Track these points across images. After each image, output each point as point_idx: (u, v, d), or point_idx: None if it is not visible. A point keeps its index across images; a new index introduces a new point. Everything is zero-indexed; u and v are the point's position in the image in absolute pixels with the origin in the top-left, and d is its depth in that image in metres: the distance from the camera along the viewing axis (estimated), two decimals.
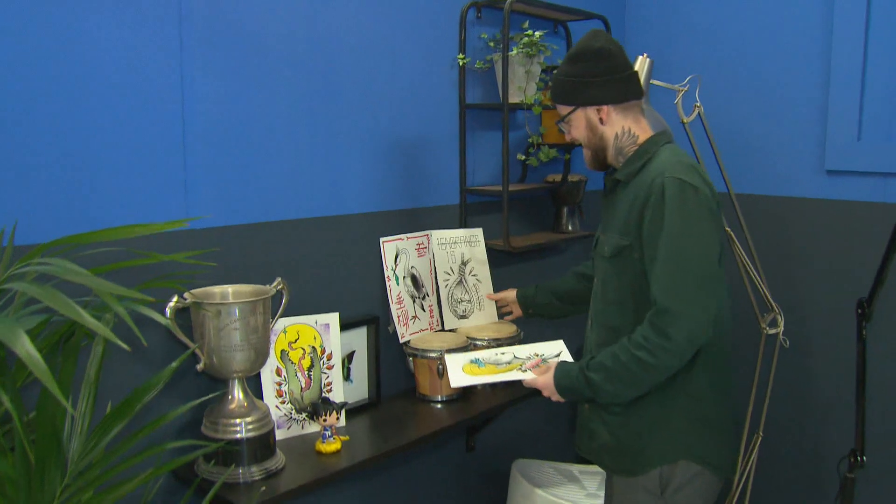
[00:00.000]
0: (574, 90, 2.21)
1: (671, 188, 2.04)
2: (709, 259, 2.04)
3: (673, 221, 2.02)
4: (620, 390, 2.10)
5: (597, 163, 2.30)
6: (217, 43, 2.26)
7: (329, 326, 2.52)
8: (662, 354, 2.01)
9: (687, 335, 1.99)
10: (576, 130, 2.27)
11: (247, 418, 2.17)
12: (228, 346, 2.12)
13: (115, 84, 2.07)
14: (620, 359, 2.07)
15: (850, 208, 3.16)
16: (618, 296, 2.21)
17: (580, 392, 2.17)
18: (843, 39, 3.09)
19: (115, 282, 1.94)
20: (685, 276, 2.00)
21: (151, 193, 2.16)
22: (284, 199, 2.48)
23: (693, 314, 1.99)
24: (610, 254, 2.20)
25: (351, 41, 2.60)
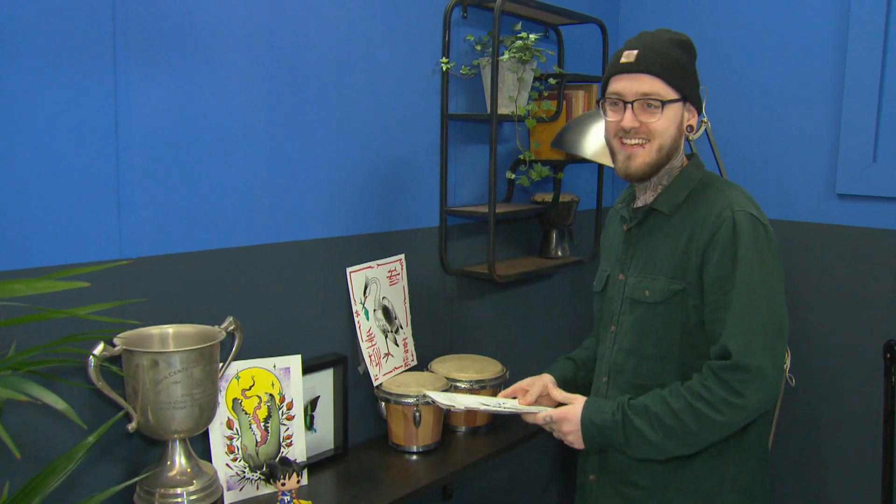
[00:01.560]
0: (690, 78, 1.87)
1: (745, 226, 1.76)
2: (783, 309, 1.79)
3: (749, 265, 1.74)
4: (663, 443, 1.76)
5: (654, 168, 1.86)
6: (159, 42, 1.90)
7: (289, 371, 2.16)
8: (729, 412, 1.71)
9: (762, 397, 1.72)
10: (664, 123, 1.83)
11: (189, 487, 1.81)
12: (168, 403, 1.75)
13: (33, 87, 1.69)
14: (671, 405, 1.75)
15: (863, 235, 2.94)
16: (660, 350, 1.86)
17: (610, 436, 1.81)
18: (858, 52, 2.87)
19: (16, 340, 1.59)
20: (765, 329, 1.73)
21: (77, 218, 1.79)
22: (238, 223, 2.12)
23: (770, 375, 1.72)
24: (657, 299, 1.86)
25: (321, 41, 2.26)
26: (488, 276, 2.66)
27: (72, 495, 1.77)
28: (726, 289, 1.74)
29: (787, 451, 3.15)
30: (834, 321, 3.02)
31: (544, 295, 3.23)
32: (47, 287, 0.93)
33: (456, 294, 2.82)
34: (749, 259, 1.74)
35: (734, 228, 1.75)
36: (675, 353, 1.84)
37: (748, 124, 3.16)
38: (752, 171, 3.13)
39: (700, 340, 1.81)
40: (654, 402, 1.78)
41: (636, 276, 1.92)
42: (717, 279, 1.76)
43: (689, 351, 1.83)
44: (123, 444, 1.91)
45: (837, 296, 3.01)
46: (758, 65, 3.12)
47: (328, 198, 2.34)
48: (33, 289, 0.92)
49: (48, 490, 1.28)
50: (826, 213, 3.01)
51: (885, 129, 2.86)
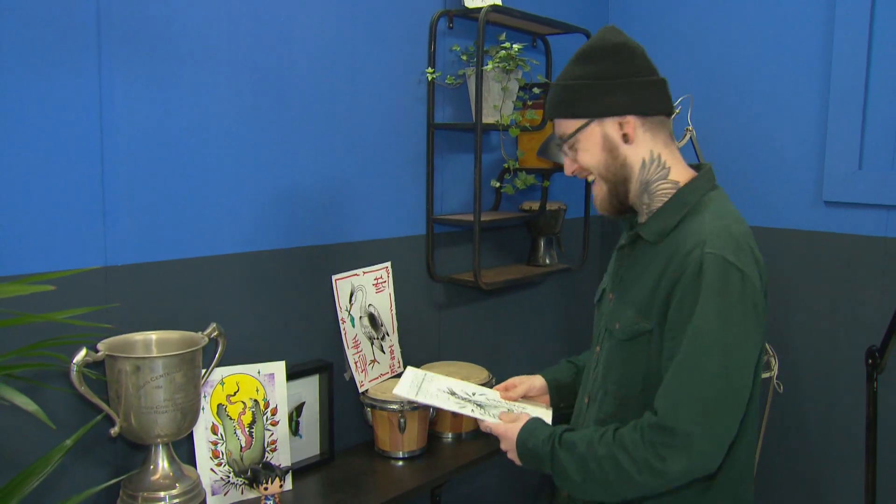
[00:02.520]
0: (587, 96, 1.64)
1: (712, 270, 1.52)
2: (740, 370, 1.53)
3: (704, 317, 1.51)
4: (584, 486, 1.62)
5: (615, 202, 1.72)
6: (143, 51, 1.92)
7: (274, 377, 2.18)
8: (646, 474, 1.53)
9: (684, 466, 1.52)
10: (587, 155, 1.69)
11: (172, 490, 1.83)
12: (150, 407, 1.77)
13: (18, 96, 1.72)
14: (596, 451, 1.59)
15: (849, 242, 2.93)
16: (621, 389, 1.69)
17: (541, 463, 1.69)
18: (844, 60, 2.87)
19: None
20: (702, 393, 1.51)
21: (63, 226, 1.81)
22: (222, 231, 2.14)
23: (699, 445, 1.50)
24: (623, 336, 1.67)
25: (303, 52, 2.28)
26: (474, 284, 2.67)
27: (55, 498, 1.79)
28: (677, 338, 1.55)
29: (775, 456, 3.14)
30: (820, 327, 3.01)
31: (532, 302, 3.24)
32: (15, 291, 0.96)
33: (443, 301, 2.83)
34: (706, 310, 1.51)
35: (700, 272, 1.53)
36: (636, 395, 1.66)
37: (735, 132, 3.14)
38: (739, 179, 3.12)
39: None
40: (582, 441, 1.63)
41: (616, 302, 1.75)
42: (672, 325, 1.57)
43: (651, 394, 1.61)
44: (107, 448, 1.93)
45: (824, 302, 2.99)
46: (744, 73, 3.11)
47: (314, 206, 2.35)
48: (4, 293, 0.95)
49: (25, 492, 1.30)
50: (813, 221, 3.00)
51: (871, 137, 2.84)
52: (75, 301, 1.80)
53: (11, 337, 1.64)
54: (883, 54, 2.79)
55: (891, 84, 2.78)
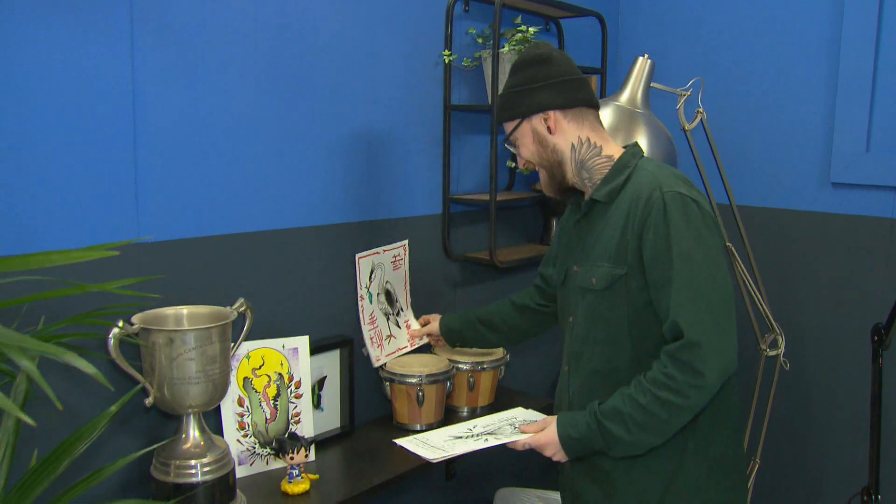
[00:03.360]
0: (516, 101, 1.97)
1: (673, 204, 1.80)
2: (726, 280, 1.82)
3: (683, 241, 1.78)
4: (641, 439, 1.81)
5: (555, 184, 2.02)
6: (173, 37, 1.99)
7: (297, 351, 2.25)
8: (693, 394, 1.75)
9: (720, 370, 1.75)
10: (525, 149, 2.01)
11: (203, 459, 1.90)
12: (182, 379, 1.85)
13: (56, 84, 1.78)
14: (639, 402, 1.79)
15: (857, 223, 2.99)
16: (609, 334, 1.92)
17: (591, 445, 1.87)
18: (852, 41, 2.91)
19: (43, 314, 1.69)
20: (709, 303, 1.76)
21: (97, 205, 1.88)
22: (248, 209, 2.21)
23: (723, 346, 1.76)
24: (602, 286, 1.91)
25: (324, 35, 2.34)
26: (489, 262, 2.74)
27: (93, 465, 1.86)
28: (664, 267, 1.78)
29: (782, 432, 3.22)
30: (827, 306, 3.07)
31: None
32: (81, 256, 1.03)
33: (459, 279, 2.90)
34: (682, 235, 1.77)
35: (665, 207, 1.79)
36: (625, 336, 1.89)
37: (744, 114, 3.19)
38: (748, 160, 3.18)
39: (648, 321, 1.86)
40: (622, 402, 1.82)
41: (584, 266, 1.97)
42: (654, 258, 1.80)
43: (638, 333, 1.87)
44: (141, 418, 2.02)
45: (831, 282, 3.05)
46: (754, 56, 3.15)
47: (334, 186, 2.42)
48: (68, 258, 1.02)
49: (76, 454, 1.38)
50: (821, 202, 3.05)
51: (878, 120, 2.89)
52: (110, 275, 1.87)
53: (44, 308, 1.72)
54: (892, 36, 2.83)
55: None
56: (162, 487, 1.88)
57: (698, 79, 2.73)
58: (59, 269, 1.69)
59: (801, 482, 3.21)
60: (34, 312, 1.67)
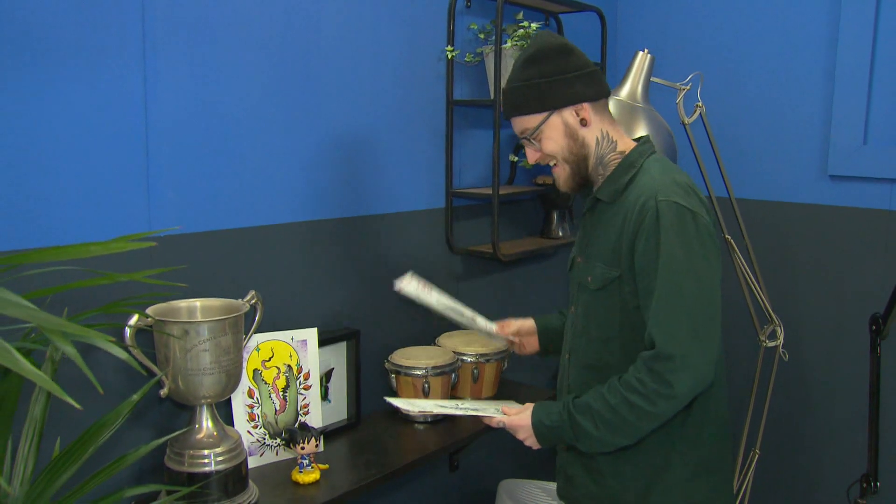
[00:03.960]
0: (546, 93, 1.89)
1: (667, 214, 1.78)
2: (712, 296, 1.80)
3: (671, 253, 1.77)
4: (606, 437, 1.85)
5: (578, 180, 1.98)
6: (183, 34, 2.04)
7: (306, 343, 2.31)
8: (661, 402, 1.77)
9: (690, 385, 1.76)
10: (551, 143, 1.93)
11: (216, 449, 1.96)
12: (197, 370, 1.90)
13: (68, 78, 1.83)
14: (609, 402, 1.82)
15: (854, 216, 3.04)
16: (602, 332, 1.94)
17: (563, 435, 1.91)
18: (849, 34, 2.95)
19: (66, 305, 1.74)
20: (688, 317, 1.76)
21: (109, 198, 1.94)
22: (257, 203, 2.27)
23: (696, 363, 1.75)
24: (596, 286, 1.93)
25: (329, 32, 2.40)
26: (493, 255, 2.80)
27: (107, 455, 1.92)
28: (652, 278, 1.78)
29: (781, 422, 3.28)
30: (825, 298, 3.12)
31: (546, 273, 3.37)
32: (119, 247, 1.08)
33: (462, 272, 2.96)
34: (671, 247, 1.76)
35: (657, 218, 1.78)
36: (616, 335, 1.90)
37: (743, 108, 3.24)
38: (746, 153, 3.23)
39: (639, 324, 1.86)
40: (594, 399, 1.84)
41: (584, 262, 1.99)
42: (643, 267, 1.80)
43: (629, 333, 1.88)
44: (154, 409, 2.07)
45: (829, 274, 3.11)
46: (752, 50, 3.20)
47: (340, 180, 2.48)
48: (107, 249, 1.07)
49: (100, 441, 1.43)
50: (819, 194, 3.10)
51: (876, 112, 2.93)
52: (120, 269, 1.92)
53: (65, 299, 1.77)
54: (890, 29, 2.87)
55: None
56: (176, 477, 1.93)
57: (697, 73, 2.78)
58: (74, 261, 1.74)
59: (801, 472, 3.27)
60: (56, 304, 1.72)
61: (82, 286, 1.22)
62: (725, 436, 2.01)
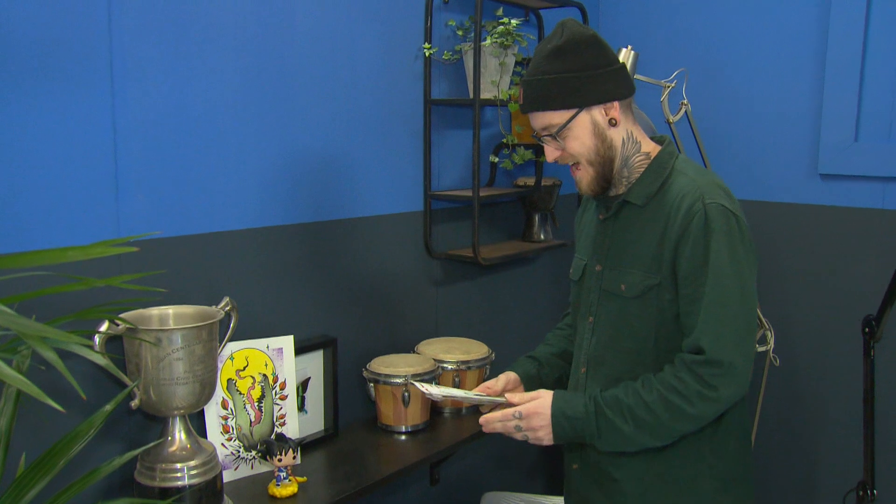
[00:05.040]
0: (577, 88, 1.83)
1: (717, 219, 1.80)
2: (753, 303, 1.85)
3: (720, 258, 1.79)
4: (636, 436, 1.83)
5: (603, 182, 1.93)
6: (152, 26, 2.07)
7: (282, 351, 2.34)
8: (703, 405, 1.79)
9: (735, 390, 1.80)
10: (577, 143, 1.88)
11: (190, 462, 1.98)
12: (170, 380, 1.93)
13: (32, 81, 1.85)
14: (644, 397, 1.82)
15: (846, 215, 3.08)
16: (636, 343, 1.92)
17: (582, 428, 1.86)
18: (840, 27, 3.00)
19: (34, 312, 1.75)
20: (735, 323, 1.79)
21: (77, 203, 1.96)
22: (231, 207, 2.30)
23: (742, 368, 1.80)
24: (633, 294, 1.90)
25: (304, 29, 2.43)
26: (473, 259, 2.84)
27: (75, 469, 1.92)
28: (698, 282, 1.79)
29: (773, 430, 3.32)
30: (817, 301, 3.17)
31: (528, 278, 3.41)
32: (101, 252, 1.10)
33: (440, 278, 3.00)
34: (720, 252, 1.78)
35: (706, 221, 1.79)
36: (650, 347, 1.89)
37: (729, 105, 3.28)
38: (733, 152, 3.27)
39: (675, 334, 1.87)
40: (626, 393, 1.83)
41: (612, 269, 1.96)
42: (689, 272, 1.81)
43: (664, 344, 1.88)
44: (122, 421, 2.09)
45: (820, 275, 3.15)
46: (738, 44, 3.25)
47: (315, 182, 2.51)
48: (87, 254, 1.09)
49: (72, 453, 1.45)
50: (808, 194, 3.15)
51: (867, 109, 2.98)
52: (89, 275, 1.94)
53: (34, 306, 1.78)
54: (881, 24, 2.92)
55: (888, 54, 2.92)
56: (146, 492, 1.95)
57: (682, 70, 2.82)
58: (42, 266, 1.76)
59: (795, 480, 3.31)
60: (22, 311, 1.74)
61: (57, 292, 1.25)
62: (748, 446, 2.04)
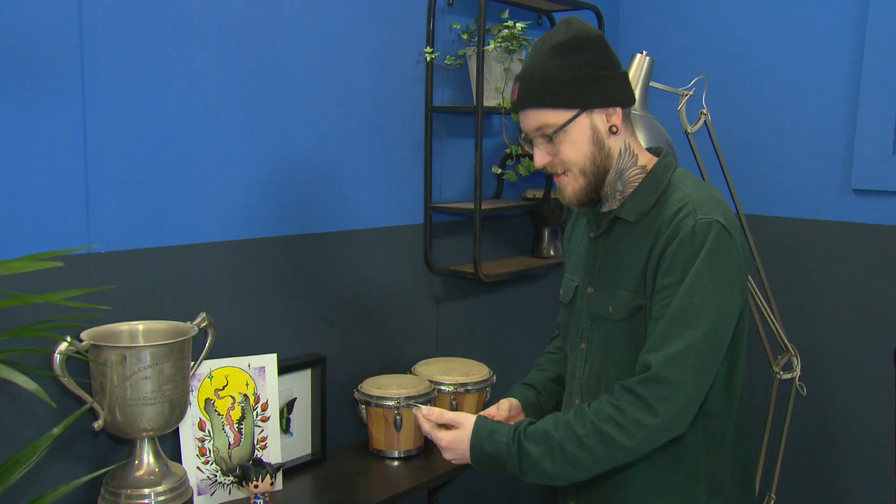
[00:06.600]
0: (580, 88, 1.76)
1: (705, 235, 1.72)
2: (726, 331, 1.74)
3: (698, 276, 1.70)
4: (564, 472, 1.75)
5: (592, 194, 1.86)
6: (127, 25, 2.07)
7: (265, 370, 2.34)
8: (641, 435, 1.69)
9: (677, 416, 1.70)
10: (572, 148, 1.81)
11: (158, 487, 1.98)
12: (137, 400, 1.93)
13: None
14: (576, 432, 1.72)
15: (880, 234, 3.03)
16: (621, 371, 1.84)
17: (503, 464, 1.80)
18: (877, 31, 2.94)
19: None
20: (699, 347, 1.69)
21: (44, 212, 1.97)
22: (213, 218, 2.30)
23: (692, 396, 1.71)
24: (620, 316, 1.84)
25: (294, 30, 2.43)
26: (475, 276, 2.83)
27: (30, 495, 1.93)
28: (667, 300, 1.72)
29: (799, 463, 3.26)
30: (847, 326, 3.11)
31: (535, 295, 3.38)
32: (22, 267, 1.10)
33: (442, 294, 2.99)
34: (700, 269, 1.70)
35: (692, 235, 1.72)
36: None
37: (753, 114, 3.24)
38: (758, 165, 3.23)
39: None
40: (556, 427, 1.75)
41: (601, 291, 1.90)
42: (662, 288, 1.74)
43: None
44: (88, 442, 2.09)
45: (851, 298, 3.09)
46: (764, 51, 3.21)
47: (306, 193, 2.51)
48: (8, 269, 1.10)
49: (11, 481, 1.44)
50: (841, 210, 3.09)
51: None
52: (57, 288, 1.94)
53: None
54: None
55: None
56: None
57: (701, 77, 2.80)
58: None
59: None
60: None
61: None
62: (754, 474, 1.99)
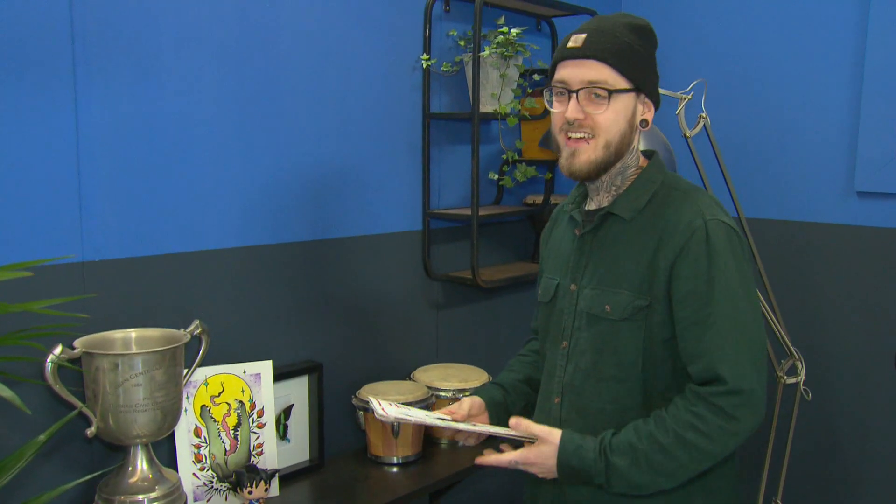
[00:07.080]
0: (645, 68, 1.83)
1: (719, 236, 1.77)
2: (762, 323, 1.82)
3: (728, 279, 1.75)
4: (650, 480, 1.77)
5: (600, 170, 1.84)
6: (121, 28, 2.11)
7: (260, 377, 2.38)
8: (724, 438, 1.74)
9: (755, 419, 1.75)
10: (612, 116, 1.80)
11: (151, 493, 2.02)
12: (129, 406, 1.97)
13: None
14: (660, 441, 1.75)
15: (884, 236, 3.04)
16: (620, 371, 1.86)
17: (590, 478, 1.80)
18: (879, 31, 2.95)
19: None
20: (752, 348, 1.76)
21: (35, 214, 2.01)
22: (210, 225, 2.34)
23: (761, 396, 1.75)
24: (620, 316, 1.85)
25: (291, 37, 2.47)
26: (473, 282, 2.86)
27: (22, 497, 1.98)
28: (703, 304, 1.75)
29: (805, 470, 3.27)
30: (852, 329, 3.12)
31: (535, 301, 3.37)
32: None
33: (441, 301, 3.02)
34: (728, 272, 1.75)
35: (707, 239, 1.76)
36: (637, 374, 1.84)
37: (754, 117, 3.26)
38: (758, 168, 3.25)
39: (660, 359, 1.83)
40: (639, 438, 1.76)
41: (593, 289, 1.90)
42: (690, 293, 1.76)
43: (650, 370, 1.83)
44: (82, 449, 2.13)
45: (855, 302, 3.10)
46: (765, 54, 3.22)
47: (303, 200, 2.55)
48: None
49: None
50: (844, 213, 3.10)
51: None
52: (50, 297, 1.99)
53: None
54: None
55: None
56: None
57: (700, 81, 2.80)
58: None
59: None
60: None
61: None
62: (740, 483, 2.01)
